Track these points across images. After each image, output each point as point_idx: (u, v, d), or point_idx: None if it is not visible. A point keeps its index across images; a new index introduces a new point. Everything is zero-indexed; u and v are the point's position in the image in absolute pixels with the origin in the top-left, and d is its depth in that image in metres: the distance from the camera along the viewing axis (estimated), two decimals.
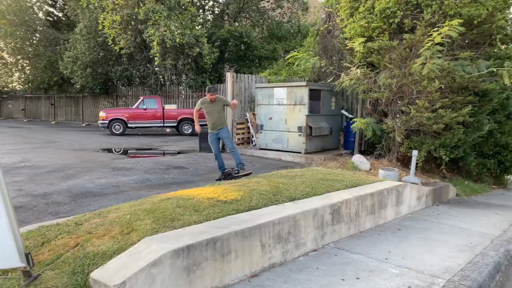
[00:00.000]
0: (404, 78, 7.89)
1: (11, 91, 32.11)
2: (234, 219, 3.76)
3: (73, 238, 3.34)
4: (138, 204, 4.17)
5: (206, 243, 3.18)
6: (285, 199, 4.66)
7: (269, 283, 3.55)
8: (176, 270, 2.96)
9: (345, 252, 4.52)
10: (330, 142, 10.92)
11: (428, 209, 7.44)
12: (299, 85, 10.14)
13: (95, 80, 20.99)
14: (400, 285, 3.67)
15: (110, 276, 2.69)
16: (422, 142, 8.69)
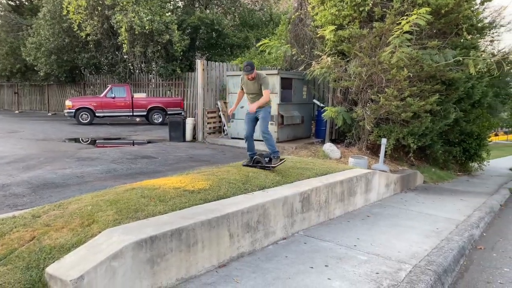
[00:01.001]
0: (374, 66, 7.93)
1: None
2: (201, 209, 3.66)
3: (29, 231, 3.16)
4: (101, 194, 3.99)
5: (171, 234, 3.07)
6: (255, 188, 4.60)
7: (237, 273, 3.48)
8: (139, 262, 2.84)
9: (314, 239, 4.51)
10: (302, 131, 10.92)
11: (396, 196, 7.57)
12: (270, 73, 10.04)
13: (61, 67, 20.18)
14: (368, 271, 3.68)
15: (66, 271, 2.54)
16: (391, 130, 8.81)
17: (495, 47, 11.56)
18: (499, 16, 11.15)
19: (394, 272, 3.70)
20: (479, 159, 12.27)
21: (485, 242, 5.29)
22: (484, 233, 5.74)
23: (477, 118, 11.04)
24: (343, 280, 3.46)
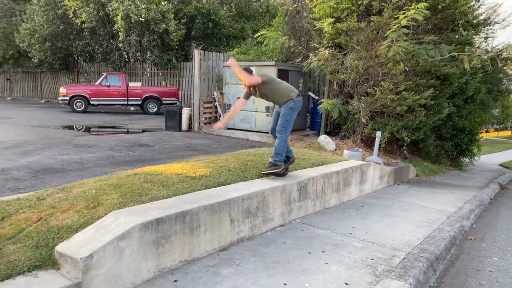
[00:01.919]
0: (371, 60, 8.04)
1: None
2: (203, 194, 3.75)
3: (36, 213, 3.22)
4: (103, 179, 4.06)
5: (175, 216, 3.16)
6: (254, 176, 4.69)
7: (238, 256, 3.59)
8: (145, 243, 2.93)
9: (311, 227, 4.63)
10: (297, 122, 11.00)
11: (389, 188, 7.72)
12: (267, 64, 10.11)
13: (55, 54, 20.01)
14: (363, 257, 3.81)
15: (76, 249, 2.62)
16: (386, 123, 8.95)
17: (489, 43, 11.73)
18: (494, 13, 11.30)
19: (389, 259, 3.83)
20: (470, 154, 12.49)
21: (475, 233, 5.46)
22: (474, 225, 5.91)
23: (470, 114, 11.21)
24: (340, 264, 3.58)
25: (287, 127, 4.77)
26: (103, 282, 2.66)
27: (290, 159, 5.05)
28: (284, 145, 4.80)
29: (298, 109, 4.85)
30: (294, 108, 4.76)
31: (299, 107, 4.86)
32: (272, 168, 4.69)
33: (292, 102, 4.75)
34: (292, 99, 4.75)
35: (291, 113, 4.74)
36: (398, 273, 3.48)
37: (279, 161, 4.72)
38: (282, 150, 4.75)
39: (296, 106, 4.79)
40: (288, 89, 4.81)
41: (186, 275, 3.16)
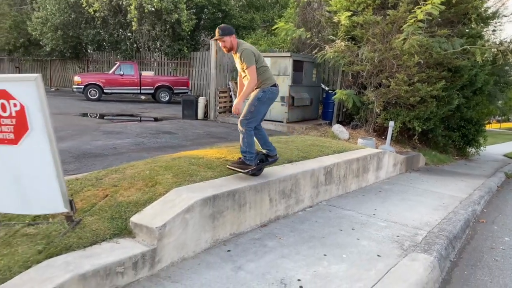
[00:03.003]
0: (386, 52, 8.35)
1: None
2: (246, 176, 4.12)
3: (101, 190, 3.60)
4: (151, 162, 4.43)
5: (228, 194, 3.54)
6: (284, 161, 5.06)
7: (278, 232, 3.98)
8: (204, 216, 3.31)
9: (337, 208, 5.02)
10: (310, 112, 11.37)
11: (402, 175, 8.09)
12: (283, 55, 10.42)
13: (66, 43, 20.27)
14: (389, 235, 4.20)
15: (150, 220, 3.00)
16: (398, 113, 9.30)
17: (497, 36, 12.01)
18: (502, 6, 11.55)
19: (412, 236, 4.22)
20: (476, 144, 12.85)
21: (486, 217, 5.85)
22: (484, 210, 6.30)
23: (477, 105, 11.55)
24: (370, 240, 3.97)
25: (251, 120, 3.98)
26: (172, 249, 3.05)
27: (270, 158, 4.35)
28: (250, 141, 4.00)
29: (269, 102, 4.11)
30: (262, 99, 4.00)
31: (271, 99, 4.11)
32: (239, 166, 3.99)
33: (262, 91, 4.00)
34: (261, 87, 4.01)
35: (257, 104, 4.00)
36: (423, 248, 3.87)
37: (250, 159, 4.00)
38: (249, 147, 4.00)
39: (265, 97, 4.02)
40: (264, 74, 4.03)
41: (236, 246, 3.55)
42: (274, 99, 4.22)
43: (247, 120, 4.00)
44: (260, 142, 4.37)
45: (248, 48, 3.95)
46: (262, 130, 4.40)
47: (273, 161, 4.46)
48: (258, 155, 4.18)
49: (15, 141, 2.82)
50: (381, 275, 3.19)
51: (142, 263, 2.82)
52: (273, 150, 4.41)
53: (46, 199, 2.93)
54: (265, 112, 4.21)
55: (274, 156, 4.43)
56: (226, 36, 3.92)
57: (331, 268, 3.26)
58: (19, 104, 2.73)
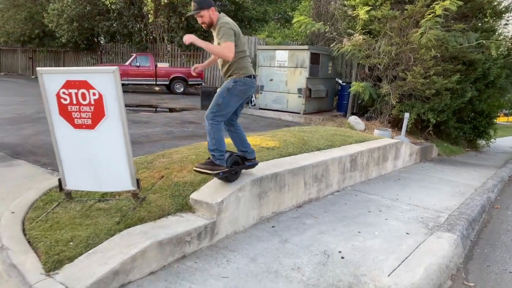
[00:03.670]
0: (403, 46, 8.64)
1: None
2: (282, 161, 4.49)
3: (155, 172, 3.98)
4: (193, 148, 4.81)
5: (271, 176, 3.91)
6: (313, 149, 5.42)
7: (313, 212, 4.35)
8: (253, 195, 3.69)
9: (362, 193, 5.38)
10: (326, 104, 11.69)
11: (417, 165, 8.43)
12: (301, 48, 10.71)
13: (81, 35, 20.61)
14: (414, 216, 4.56)
15: (209, 197, 3.38)
16: (413, 105, 9.60)
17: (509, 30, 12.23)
18: None
19: (435, 218, 4.58)
20: (487, 137, 13.13)
21: (500, 203, 6.19)
22: (498, 197, 6.63)
23: (489, 98, 11.82)
24: (397, 220, 4.34)
25: (217, 114, 3.41)
26: (227, 223, 3.43)
27: (247, 161, 3.79)
28: (217, 136, 3.42)
29: (241, 95, 3.52)
30: (232, 91, 3.44)
31: (244, 92, 3.53)
32: (207, 167, 3.44)
33: (233, 81, 3.46)
34: (233, 77, 3.48)
35: (226, 96, 3.44)
36: (446, 228, 4.23)
37: (220, 159, 3.45)
38: (217, 144, 3.42)
39: (236, 89, 3.46)
40: (240, 62, 3.48)
41: (279, 223, 3.93)
42: (249, 92, 3.58)
43: (213, 114, 3.39)
44: (236, 141, 3.77)
45: (229, 22, 3.35)
46: (239, 127, 3.78)
47: (251, 165, 3.80)
48: (231, 155, 3.59)
49: (92, 126, 3.20)
50: (412, 249, 3.56)
51: (204, 234, 3.20)
52: (251, 152, 3.79)
53: (117, 178, 3.32)
54: (235, 106, 3.54)
55: (252, 159, 3.78)
56: (203, 10, 3.29)
57: (366, 243, 3.63)
58: (97, 93, 3.10)
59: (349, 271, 3.11)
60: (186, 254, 3.07)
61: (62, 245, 2.72)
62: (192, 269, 2.92)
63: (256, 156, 4.47)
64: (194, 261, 3.03)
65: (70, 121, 3.20)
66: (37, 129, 6.84)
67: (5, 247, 2.73)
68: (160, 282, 2.72)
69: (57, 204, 3.39)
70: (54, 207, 3.34)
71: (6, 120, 7.45)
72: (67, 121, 3.21)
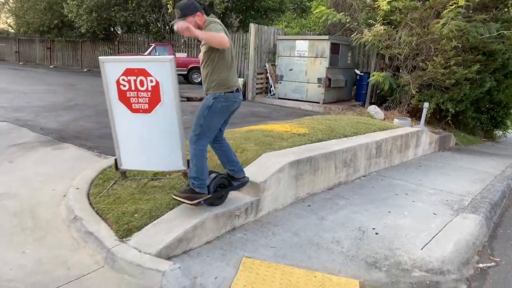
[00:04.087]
0: (424, 36, 8.78)
1: (2, 32, 31.38)
2: (314, 146, 4.76)
3: None
4: (229, 133, 5.09)
5: (306, 160, 4.18)
6: (341, 135, 5.67)
7: (343, 194, 4.63)
8: (290, 176, 3.97)
9: (387, 178, 5.63)
10: (344, 93, 11.89)
11: (436, 153, 8.62)
12: (321, 38, 10.89)
13: (100, 25, 20.96)
14: (439, 199, 4.81)
15: (253, 177, 3.67)
16: (432, 95, 9.76)
17: None
18: None
19: (459, 201, 4.82)
20: (504, 127, 13.21)
21: None
22: None
23: (507, 88, 11.87)
24: (423, 203, 4.59)
25: (201, 136, 3.09)
26: (269, 201, 3.73)
27: (235, 181, 3.43)
28: (200, 164, 3.09)
29: (223, 111, 3.17)
30: (213, 109, 3.08)
31: (227, 108, 3.17)
32: (186, 196, 3.09)
33: (212, 97, 3.09)
34: (213, 91, 3.11)
35: (208, 115, 3.08)
36: (470, 210, 4.48)
37: (200, 186, 3.10)
38: (198, 173, 3.09)
39: (217, 106, 3.09)
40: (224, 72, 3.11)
41: (313, 203, 4.21)
42: (232, 108, 3.22)
43: (197, 136, 3.08)
44: (222, 159, 3.44)
45: (217, 21, 3.06)
46: (225, 144, 3.44)
47: (240, 184, 3.45)
48: (215, 178, 3.24)
49: (148, 110, 3.50)
50: (440, 227, 3.82)
51: (250, 209, 3.50)
52: (240, 171, 3.42)
53: (170, 158, 3.62)
54: (219, 123, 3.21)
55: (241, 178, 3.43)
56: (188, 17, 3.01)
57: (397, 221, 3.90)
58: (154, 80, 3.39)
59: (384, 245, 3.38)
60: (236, 227, 3.38)
61: (129, 216, 3.03)
62: (242, 239, 3.23)
63: (289, 142, 4.75)
64: (243, 233, 3.34)
65: (128, 105, 3.50)
66: (73, 116, 7.19)
67: (78, 218, 3.06)
68: (216, 250, 3.03)
69: (114, 182, 3.72)
70: (112, 184, 3.66)
71: (42, 108, 7.81)
72: (125, 105, 3.50)
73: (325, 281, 2.76)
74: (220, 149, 3.43)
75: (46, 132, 5.77)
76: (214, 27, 2.97)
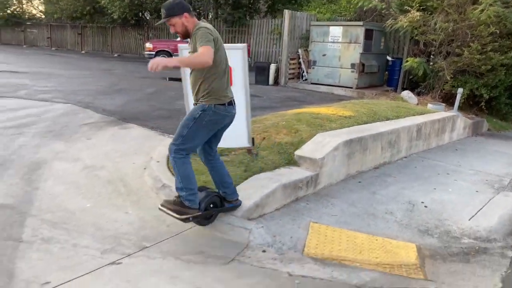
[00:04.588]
0: (461, 22, 8.88)
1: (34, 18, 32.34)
2: (362, 128, 5.10)
3: (257, 134, 4.68)
4: (279, 116, 5.47)
5: (357, 140, 4.53)
6: (383, 118, 5.97)
7: (389, 172, 4.97)
8: (344, 155, 4.34)
9: (427, 159, 5.92)
10: (377, 79, 12.06)
11: (469, 138, 8.80)
12: (355, 24, 11.08)
13: (131, 11, 21.47)
14: (479, 179, 5.09)
15: (311, 154, 4.05)
16: (466, 81, 9.87)
17: None
18: None
19: (499, 181, 5.10)
20: None
21: None
22: None
23: None
24: (465, 181, 4.89)
25: (182, 146, 2.80)
26: (325, 176, 4.11)
27: (228, 203, 3.15)
28: (184, 171, 2.82)
29: (211, 126, 2.87)
30: (200, 121, 2.79)
31: (216, 123, 2.88)
32: (174, 209, 2.82)
33: (201, 109, 2.80)
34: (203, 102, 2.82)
35: (193, 127, 2.79)
36: (510, 188, 4.76)
37: (190, 200, 2.83)
38: (185, 181, 2.81)
39: (205, 118, 2.80)
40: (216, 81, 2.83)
41: (363, 179, 4.58)
42: (222, 123, 2.92)
43: (176, 146, 2.80)
44: (214, 179, 3.14)
45: (209, 27, 2.73)
46: (218, 162, 3.13)
47: (232, 207, 3.17)
48: (208, 196, 3.00)
49: None
50: (484, 202, 4.13)
51: (310, 183, 3.89)
52: (233, 193, 3.15)
53: (238, 136, 4.02)
54: (205, 138, 2.90)
55: (234, 201, 3.16)
56: (174, 17, 2.75)
57: (443, 197, 4.23)
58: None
59: (433, 216, 3.73)
60: (298, 198, 3.78)
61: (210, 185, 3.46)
62: (306, 208, 3.63)
63: (337, 123, 5.09)
64: (306, 203, 3.74)
65: None
66: (126, 99, 7.69)
67: (166, 185, 3.52)
68: (286, 215, 3.44)
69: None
70: None
71: (94, 91, 8.35)
72: None
73: (385, 244, 3.14)
74: (213, 167, 3.09)
75: (108, 113, 6.28)
76: (201, 34, 2.60)
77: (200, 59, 2.54)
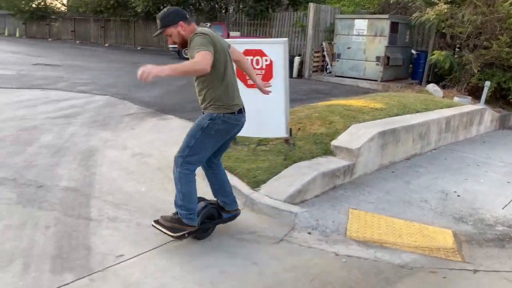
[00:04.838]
0: (490, 15, 8.84)
1: (59, 12, 33.06)
2: (394, 119, 5.24)
3: (292, 125, 4.86)
4: (311, 108, 5.65)
5: (391, 131, 4.69)
6: (412, 111, 6.08)
7: (419, 163, 5.11)
8: (378, 145, 4.50)
9: (456, 152, 6.02)
10: (401, 72, 12.07)
11: (496, 131, 8.79)
12: (380, 17, 11.10)
13: (155, 4, 21.79)
14: (509, 171, 5.18)
15: (347, 144, 4.23)
16: (493, 74, 9.82)
17: None
18: None
19: None
20: None
21: None
22: None
23: None
24: (495, 173, 4.99)
25: (189, 159, 2.67)
26: (361, 166, 4.29)
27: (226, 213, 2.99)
28: (187, 190, 2.68)
29: (220, 135, 2.73)
30: (208, 131, 2.64)
31: (225, 132, 2.74)
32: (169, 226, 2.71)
33: (208, 118, 2.64)
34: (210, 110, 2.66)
35: (200, 137, 2.64)
36: None
37: (189, 218, 2.69)
38: (185, 200, 2.68)
39: (213, 128, 2.65)
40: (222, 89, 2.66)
41: (396, 170, 4.74)
42: (231, 132, 2.81)
43: (183, 158, 2.67)
44: (214, 187, 2.99)
45: (207, 33, 2.54)
46: (220, 170, 2.99)
47: (230, 218, 3.02)
48: (205, 208, 2.86)
49: None
50: None
51: (347, 172, 4.08)
52: (232, 203, 2.99)
53: (276, 127, 4.24)
54: (213, 148, 2.76)
55: (233, 211, 3.00)
56: (169, 28, 2.63)
57: (474, 187, 4.36)
58: (269, 60, 3.98)
59: (466, 205, 3.88)
60: (336, 186, 3.97)
61: (253, 172, 3.70)
62: (344, 195, 3.83)
63: (370, 115, 5.24)
64: (343, 191, 3.93)
65: (244, 81, 4.12)
66: (160, 91, 7.98)
67: None
68: (325, 202, 3.64)
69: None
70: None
71: (127, 84, 8.66)
72: (241, 81, 4.12)
73: (422, 229, 3.31)
74: (214, 175, 2.94)
75: (145, 105, 6.56)
76: (198, 40, 2.44)
77: (196, 66, 2.35)
